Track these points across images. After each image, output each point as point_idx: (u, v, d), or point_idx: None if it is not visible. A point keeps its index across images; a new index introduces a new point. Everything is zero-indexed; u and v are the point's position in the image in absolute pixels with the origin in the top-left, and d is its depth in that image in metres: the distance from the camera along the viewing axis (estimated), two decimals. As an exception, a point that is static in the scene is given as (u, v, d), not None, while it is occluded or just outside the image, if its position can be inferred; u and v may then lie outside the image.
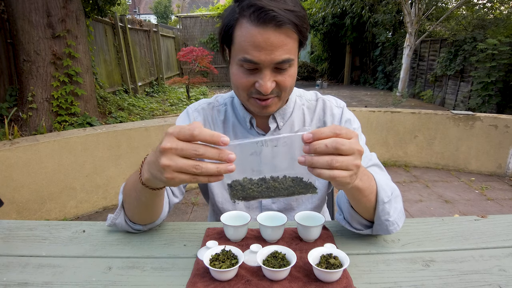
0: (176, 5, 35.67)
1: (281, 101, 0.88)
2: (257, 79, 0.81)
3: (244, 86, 0.83)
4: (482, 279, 0.67)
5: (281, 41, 0.75)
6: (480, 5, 8.52)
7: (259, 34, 0.75)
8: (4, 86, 4.12)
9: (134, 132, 3.14)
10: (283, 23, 0.74)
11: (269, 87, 0.80)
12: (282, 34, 0.75)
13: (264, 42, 0.75)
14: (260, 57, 0.76)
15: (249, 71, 0.81)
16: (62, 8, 3.98)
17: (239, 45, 0.79)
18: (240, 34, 0.78)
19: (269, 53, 0.76)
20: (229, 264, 0.67)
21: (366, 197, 0.73)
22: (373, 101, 9.40)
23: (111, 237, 0.84)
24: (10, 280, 0.68)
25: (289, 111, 0.99)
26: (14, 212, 2.61)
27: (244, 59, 0.78)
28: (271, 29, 0.74)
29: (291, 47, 0.78)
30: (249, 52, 0.77)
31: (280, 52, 0.76)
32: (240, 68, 0.82)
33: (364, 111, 4.15)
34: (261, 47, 0.75)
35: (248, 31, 0.76)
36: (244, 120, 0.99)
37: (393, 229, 0.78)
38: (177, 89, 9.43)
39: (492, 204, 3.24)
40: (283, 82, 0.82)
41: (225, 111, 1.03)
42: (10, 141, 2.65)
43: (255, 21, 0.74)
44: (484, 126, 3.86)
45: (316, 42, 15.64)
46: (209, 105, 1.04)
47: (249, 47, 0.76)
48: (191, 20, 12.84)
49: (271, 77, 0.80)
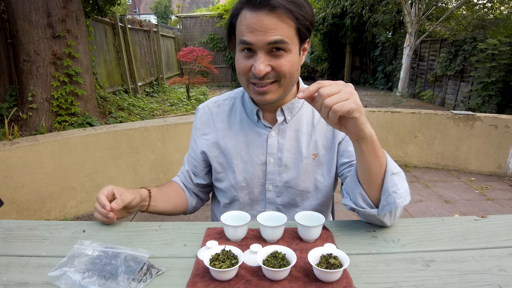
0: (176, 5, 35.67)
1: (282, 88, 0.89)
2: (253, 63, 0.84)
3: (243, 70, 0.87)
4: (482, 279, 0.67)
5: (273, 23, 0.79)
6: (480, 5, 8.52)
7: (253, 17, 0.80)
8: (4, 86, 4.12)
9: (134, 132, 3.14)
10: (276, 7, 0.78)
11: (262, 69, 0.82)
12: (275, 18, 0.79)
13: (257, 24, 0.80)
14: (253, 38, 0.81)
15: (247, 56, 0.85)
16: (62, 8, 3.97)
17: (238, 30, 0.85)
18: (239, 21, 0.84)
19: (261, 33, 0.80)
20: (229, 264, 0.67)
21: (378, 158, 0.77)
22: (373, 101, 9.40)
23: (111, 237, 0.84)
24: (10, 280, 0.68)
25: (298, 105, 1.00)
26: (14, 212, 2.61)
27: (240, 41, 0.83)
28: (265, 13, 0.79)
29: (285, 31, 0.81)
30: (245, 34, 0.82)
31: (272, 33, 0.80)
32: (240, 54, 0.87)
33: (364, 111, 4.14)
34: (254, 28, 0.80)
35: (245, 16, 0.82)
36: (252, 113, 1.00)
37: (401, 202, 0.78)
38: (177, 89, 9.43)
39: (492, 204, 3.24)
40: (279, 66, 0.84)
41: (232, 104, 1.06)
42: (10, 141, 2.65)
43: (251, 6, 0.80)
44: (484, 126, 3.86)
45: (316, 42, 15.63)
46: (215, 103, 1.09)
47: (245, 30, 0.82)
48: (191, 20, 12.83)
49: (265, 60, 0.83)
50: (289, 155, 1.00)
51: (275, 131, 0.99)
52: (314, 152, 1.00)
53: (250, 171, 1.01)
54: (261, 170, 1.01)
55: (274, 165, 1.00)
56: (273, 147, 0.99)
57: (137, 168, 3.18)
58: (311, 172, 1.01)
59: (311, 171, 1.00)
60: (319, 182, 1.01)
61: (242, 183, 1.02)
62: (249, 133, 1.01)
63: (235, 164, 1.02)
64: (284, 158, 1.00)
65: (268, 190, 1.02)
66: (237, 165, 1.02)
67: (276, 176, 1.01)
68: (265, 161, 1.00)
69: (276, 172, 1.01)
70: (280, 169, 1.00)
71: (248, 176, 1.02)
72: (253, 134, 1.01)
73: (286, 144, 1.00)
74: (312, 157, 1.00)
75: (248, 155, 1.01)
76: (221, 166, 1.05)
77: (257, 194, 1.03)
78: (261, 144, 1.00)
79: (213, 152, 1.05)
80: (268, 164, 1.00)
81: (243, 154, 1.01)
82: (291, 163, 1.00)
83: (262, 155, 1.00)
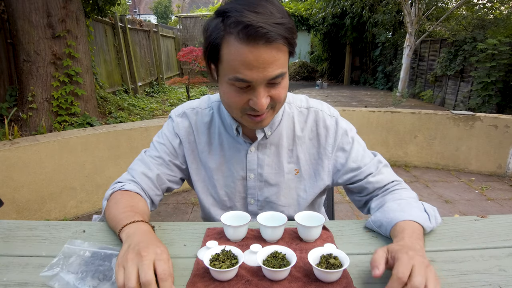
0: (176, 5, 35.66)
1: (275, 112, 0.86)
2: (251, 97, 0.78)
3: (237, 104, 0.80)
4: (482, 279, 0.67)
5: (272, 57, 0.73)
6: (480, 5, 8.51)
7: (249, 52, 0.71)
8: (4, 86, 4.12)
9: (134, 132, 3.14)
10: (274, 39, 0.71)
11: (264, 104, 0.78)
12: (273, 50, 0.72)
13: (255, 61, 0.72)
14: (253, 76, 0.73)
15: (241, 89, 0.78)
16: (62, 8, 3.97)
17: (229, 64, 0.75)
18: (228, 53, 0.74)
19: (261, 70, 0.73)
20: (229, 264, 0.67)
21: None
22: (373, 101, 9.40)
23: (111, 237, 0.84)
24: (10, 280, 0.68)
25: (278, 120, 0.96)
26: (14, 212, 2.61)
27: (236, 79, 0.75)
28: (262, 46, 0.71)
29: (283, 61, 0.76)
30: (241, 72, 0.73)
31: (273, 68, 0.74)
32: (231, 87, 0.79)
33: (364, 111, 4.15)
34: (253, 66, 0.72)
35: (237, 49, 0.72)
36: (231, 127, 0.96)
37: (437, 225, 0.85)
38: (177, 89, 9.43)
39: (492, 204, 3.24)
40: (278, 95, 0.80)
41: (211, 115, 1.00)
42: (10, 141, 2.65)
43: (244, 38, 0.70)
44: (484, 126, 3.86)
45: (316, 42, 15.65)
46: (193, 110, 1.01)
47: (240, 67, 0.73)
48: (191, 20, 12.84)
49: (265, 93, 0.78)
50: (270, 171, 0.98)
51: (255, 147, 0.96)
52: (296, 168, 0.98)
53: (231, 186, 0.99)
54: (242, 185, 0.99)
55: (255, 180, 0.98)
56: (253, 163, 0.97)
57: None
58: (293, 188, 0.99)
59: (293, 186, 0.99)
60: (301, 198, 1.00)
61: (224, 197, 1.01)
62: (228, 148, 0.98)
63: (215, 179, 0.99)
64: (265, 174, 0.97)
65: (250, 203, 1.01)
66: (218, 180, 1.00)
67: (257, 191, 0.99)
68: (245, 177, 0.98)
69: (257, 187, 0.99)
70: (261, 184, 0.99)
71: (229, 191, 1.00)
72: (232, 150, 0.98)
73: (266, 159, 0.97)
74: (294, 172, 0.98)
75: (228, 170, 0.99)
76: (202, 180, 1.02)
77: (239, 207, 1.02)
78: (241, 159, 0.97)
79: (193, 164, 1.01)
80: (248, 179, 0.98)
81: (223, 169, 0.99)
82: (272, 178, 0.98)
83: (242, 170, 0.98)
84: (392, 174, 0.99)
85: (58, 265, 0.69)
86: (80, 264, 0.70)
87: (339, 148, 0.98)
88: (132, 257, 0.61)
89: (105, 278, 0.66)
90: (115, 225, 0.80)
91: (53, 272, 0.68)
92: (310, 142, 0.99)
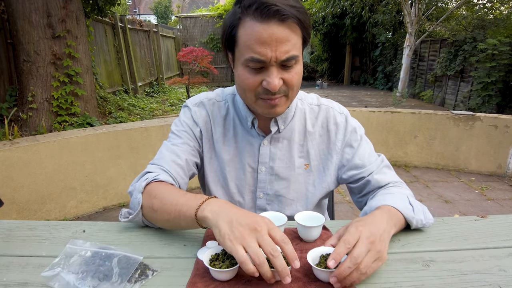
0: (176, 5, 35.66)
1: (289, 101, 0.87)
2: (264, 77, 0.80)
3: (251, 86, 0.82)
4: (482, 279, 0.67)
5: (285, 35, 0.75)
6: (480, 5, 8.52)
7: (263, 29, 0.74)
8: (4, 86, 4.12)
9: (134, 132, 3.14)
10: (287, 17, 0.74)
11: (277, 84, 0.79)
12: (286, 29, 0.75)
13: (269, 38, 0.74)
14: (266, 53, 0.76)
15: (255, 71, 0.80)
16: (62, 8, 3.98)
17: (244, 44, 0.78)
18: (244, 33, 0.77)
19: (274, 49, 0.75)
20: (229, 264, 0.67)
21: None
22: (373, 101, 9.40)
23: (111, 237, 0.84)
24: (10, 280, 0.68)
25: (291, 114, 0.98)
26: (14, 212, 2.61)
27: (251, 59, 0.77)
28: (275, 24, 0.74)
29: (296, 43, 0.78)
30: (255, 49, 0.76)
31: (286, 48, 0.76)
32: (245, 69, 0.81)
33: (364, 111, 4.15)
34: (266, 43, 0.75)
35: (252, 28, 0.75)
36: (246, 120, 0.98)
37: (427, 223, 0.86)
38: (177, 89, 9.43)
39: (492, 204, 3.24)
40: (290, 79, 0.81)
41: (227, 108, 1.02)
42: (10, 141, 2.65)
43: (258, 17, 0.74)
44: (484, 126, 3.86)
45: (316, 42, 15.64)
46: (210, 100, 1.03)
47: (254, 44, 0.76)
48: (191, 20, 12.84)
49: (278, 74, 0.79)
50: (281, 165, 0.99)
51: (268, 140, 0.98)
52: (306, 162, 1.00)
53: (242, 178, 1.00)
54: (252, 178, 1.00)
55: (266, 173, 0.99)
56: (265, 156, 0.98)
57: (137, 168, 3.18)
58: (303, 182, 1.00)
59: (302, 181, 1.00)
60: (310, 193, 1.01)
61: (234, 189, 1.01)
62: (241, 140, 0.99)
63: (227, 171, 1.00)
64: (276, 167, 0.99)
65: (258, 197, 1.02)
66: (229, 171, 1.00)
67: (267, 185, 1.00)
68: (256, 169, 0.99)
69: (267, 181, 1.00)
70: (272, 177, 1.00)
71: (239, 183, 1.01)
72: (245, 142, 0.99)
73: (278, 153, 0.99)
74: (304, 167, 1.00)
75: (240, 162, 1.00)
76: (214, 171, 1.02)
77: (247, 200, 1.02)
78: (253, 152, 0.99)
79: (208, 153, 1.02)
80: (259, 172, 0.99)
81: (236, 161, 1.00)
82: (282, 172, 0.99)
83: (254, 163, 0.99)
84: (394, 175, 0.99)
85: (59, 265, 0.69)
86: (81, 264, 0.70)
87: (347, 144, 0.99)
88: (248, 232, 0.62)
89: (105, 278, 0.66)
90: (181, 208, 0.75)
91: (54, 272, 0.68)
92: (320, 138, 1.00)
